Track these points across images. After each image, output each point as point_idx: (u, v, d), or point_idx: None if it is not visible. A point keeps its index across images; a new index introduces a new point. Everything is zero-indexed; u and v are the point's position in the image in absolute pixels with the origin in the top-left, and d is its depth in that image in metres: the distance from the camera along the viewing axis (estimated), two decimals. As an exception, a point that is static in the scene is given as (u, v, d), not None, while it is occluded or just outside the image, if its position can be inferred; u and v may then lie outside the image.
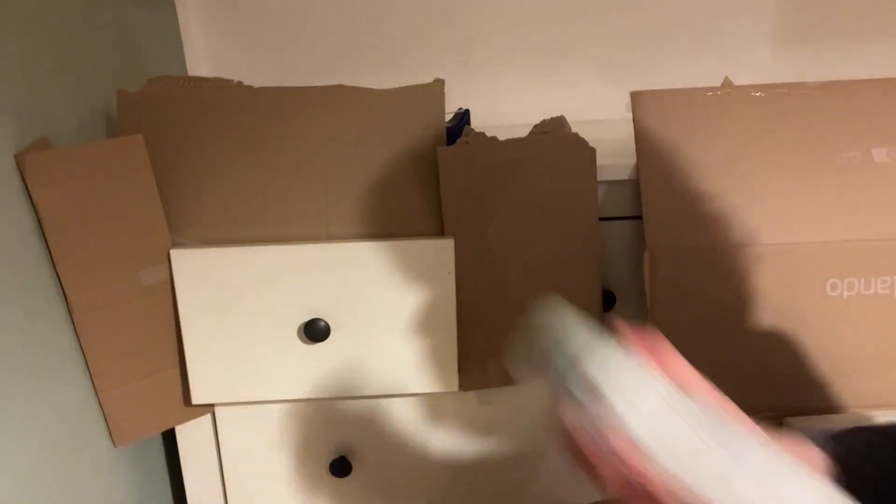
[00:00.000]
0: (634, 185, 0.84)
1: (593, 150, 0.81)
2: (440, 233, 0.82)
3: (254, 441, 0.88)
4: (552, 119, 0.81)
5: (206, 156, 0.79)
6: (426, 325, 0.82)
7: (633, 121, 0.82)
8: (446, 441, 0.89)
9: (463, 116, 0.96)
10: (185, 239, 0.80)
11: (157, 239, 0.78)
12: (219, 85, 0.79)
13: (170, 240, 0.79)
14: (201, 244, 0.80)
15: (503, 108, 1.21)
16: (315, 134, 0.80)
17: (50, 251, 0.72)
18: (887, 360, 0.82)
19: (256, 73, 1.21)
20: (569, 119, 0.82)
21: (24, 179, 0.68)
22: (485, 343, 0.85)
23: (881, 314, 0.81)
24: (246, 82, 0.79)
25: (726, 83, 0.85)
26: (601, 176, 0.82)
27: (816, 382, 0.83)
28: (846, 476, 0.39)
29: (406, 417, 0.88)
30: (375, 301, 0.81)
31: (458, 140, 0.80)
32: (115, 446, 0.81)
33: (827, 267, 0.80)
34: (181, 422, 0.86)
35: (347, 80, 0.80)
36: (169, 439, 0.95)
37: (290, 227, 0.81)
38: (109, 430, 0.80)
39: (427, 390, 0.84)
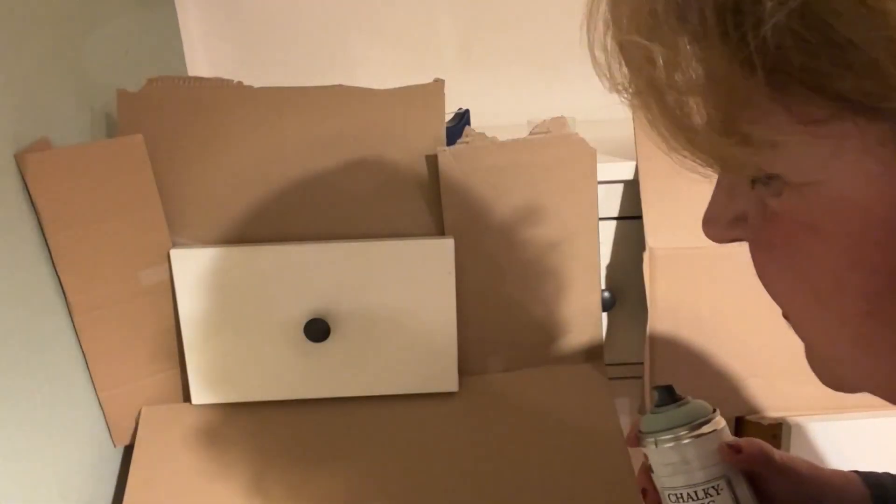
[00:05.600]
0: (634, 185, 0.84)
1: (594, 151, 0.81)
2: (440, 233, 0.82)
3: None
4: (552, 119, 0.81)
5: (206, 156, 0.79)
6: (426, 325, 0.82)
7: (633, 121, 0.82)
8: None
9: (463, 116, 0.96)
10: (185, 239, 0.80)
11: (157, 239, 0.78)
12: (219, 85, 0.79)
13: (170, 240, 0.79)
14: (201, 244, 0.80)
15: (503, 108, 1.21)
16: (315, 134, 0.80)
17: (50, 251, 0.72)
18: (887, 360, 0.82)
19: (256, 73, 1.21)
20: (568, 119, 0.82)
21: (24, 179, 0.68)
22: (485, 343, 0.85)
23: (881, 314, 0.81)
24: (246, 82, 0.79)
25: (726, 83, 0.85)
26: (601, 176, 0.82)
27: (816, 382, 0.83)
28: None
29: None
30: (375, 301, 0.81)
31: (458, 140, 0.80)
32: (115, 446, 0.81)
33: (827, 267, 0.80)
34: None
35: (347, 80, 0.80)
36: (169, 439, 0.95)
37: (290, 227, 0.81)
38: (109, 430, 0.80)
39: (427, 390, 0.84)
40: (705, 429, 0.48)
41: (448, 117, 0.90)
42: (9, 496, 0.62)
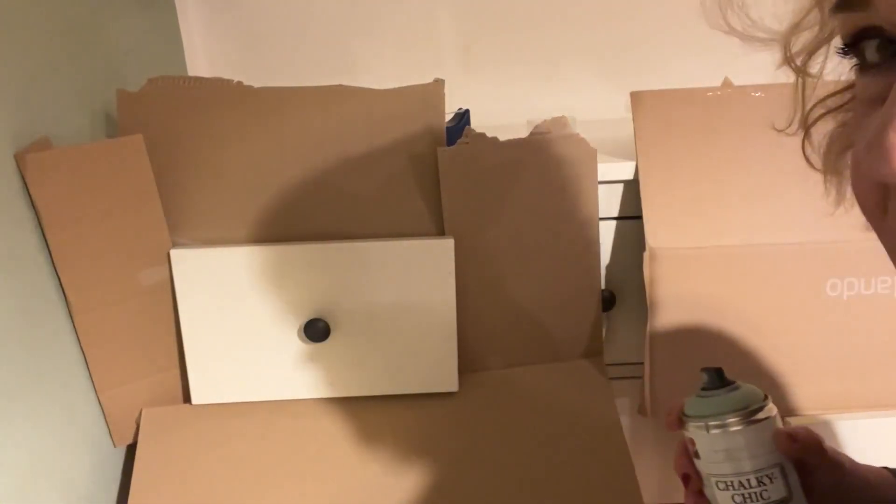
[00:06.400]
0: (634, 185, 0.84)
1: (594, 151, 0.81)
2: (440, 233, 0.82)
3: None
4: (552, 119, 0.81)
5: (206, 156, 0.79)
6: (426, 325, 0.82)
7: (633, 121, 0.82)
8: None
9: (463, 116, 0.96)
10: (185, 239, 0.80)
11: (157, 239, 0.78)
12: (219, 85, 0.79)
13: (170, 240, 0.79)
14: (201, 244, 0.80)
15: (503, 108, 1.21)
16: (315, 134, 0.80)
17: (50, 251, 0.72)
18: (887, 361, 0.82)
19: (256, 73, 1.21)
20: (568, 119, 0.82)
21: (24, 179, 0.68)
22: (485, 342, 0.85)
23: (881, 314, 0.81)
24: (246, 82, 0.79)
25: (726, 83, 0.85)
26: (601, 176, 0.82)
27: (816, 382, 0.83)
28: None
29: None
30: (375, 301, 0.81)
31: (458, 140, 0.80)
32: (115, 446, 0.80)
33: (827, 267, 0.80)
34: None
35: (347, 80, 0.80)
36: (169, 439, 0.94)
37: (289, 227, 0.81)
38: (109, 430, 0.80)
39: (427, 390, 0.84)
40: (760, 415, 0.46)
41: (448, 117, 0.90)
42: (9, 496, 0.62)
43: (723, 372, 0.48)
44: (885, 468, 0.52)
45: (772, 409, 0.48)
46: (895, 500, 0.50)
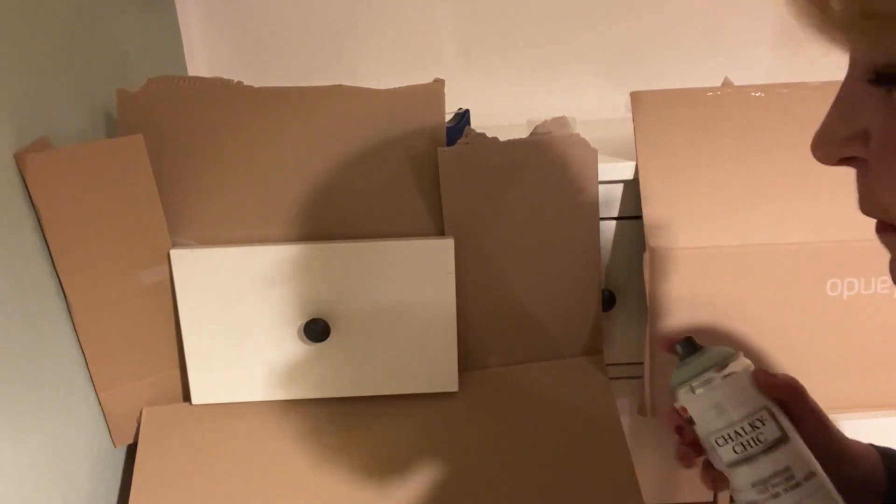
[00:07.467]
0: (634, 185, 0.84)
1: (594, 151, 0.81)
2: (440, 233, 0.82)
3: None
4: (553, 119, 0.81)
5: (205, 156, 0.79)
6: (426, 325, 0.82)
7: (633, 121, 0.82)
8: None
9: (463, 116, 0.96)
10: (185, 239, 0.80)
11: (157, 239, 0.78)
12: (219, 85, 0.79)
13: (170, 240, 0.79)
14: (201, 244, 0.80)
15: (503, 108, 1.21)
16: (315, 134, 0.80)
17: (50, 251, 0.72)
18: (887, 360, 0.82)
19: (256, 73, 1.21)
20: (569, 119, 0.82)
21: (24, 179, 0.68)
22: (485, 341, 0.85)
23: (881, 314, 0.81)
24: (246, 82, 0.79)
25: (726, 83, 0.85)
26: (601, 176, 0.82)
27: (816, 382, 0.83)
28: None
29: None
30: (375, 301, 0.81)
31: (458, 140, 0.80)
32: (115, 446, 0.81)
33: (827, 267, 0.80)
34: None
35: (347, 80, 0.80)
36: (169, 439, 0.94)
37: (289, 226, 0.81)
38: (109, 430, 0.80)
39: (427, 390, 0.84)
40: (735, 366, 0.49)
41: (448, 117, 0.90)
42: (9, 496, 0.62)
43: (693, 339, 0.52)
44: (872, 445, 0.52)
45: (745, 360, 0.51)
46: (870, 476, 0.50)
